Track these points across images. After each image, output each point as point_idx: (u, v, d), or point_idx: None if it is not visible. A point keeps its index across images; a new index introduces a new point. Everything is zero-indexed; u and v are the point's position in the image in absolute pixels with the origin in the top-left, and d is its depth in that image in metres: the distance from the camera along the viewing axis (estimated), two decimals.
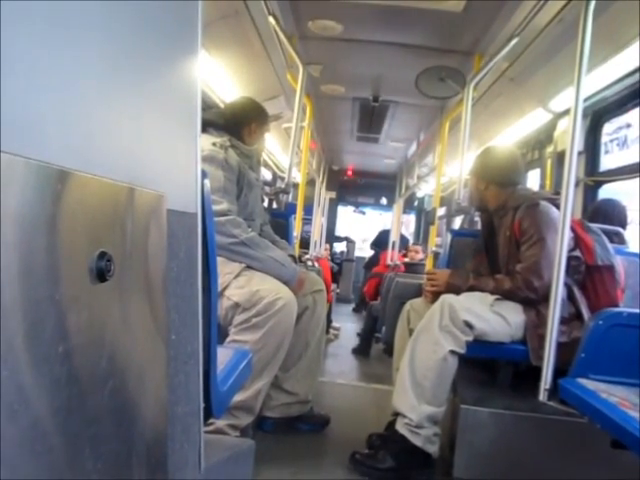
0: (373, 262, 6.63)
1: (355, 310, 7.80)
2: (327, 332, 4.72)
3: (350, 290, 8.85)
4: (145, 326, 0.74)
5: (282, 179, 2.94)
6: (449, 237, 2.74)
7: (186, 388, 0.92)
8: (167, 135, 0.84)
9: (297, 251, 3.32)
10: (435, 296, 2.06)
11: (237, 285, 1.83)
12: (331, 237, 9.04)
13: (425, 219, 8.55)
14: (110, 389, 0.63)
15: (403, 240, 6.39)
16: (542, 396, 1.50)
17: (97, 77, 0.63)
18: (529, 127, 3.43)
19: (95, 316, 0.60)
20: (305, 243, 5.06)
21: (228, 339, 1.79)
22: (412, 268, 4.84)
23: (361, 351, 4.48)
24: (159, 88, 0.80)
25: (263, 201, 2.41)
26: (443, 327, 1.83)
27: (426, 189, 7.58)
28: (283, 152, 5.22)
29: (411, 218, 10.06)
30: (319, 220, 5.96)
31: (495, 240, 2.18)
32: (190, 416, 0.94)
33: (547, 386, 1.50)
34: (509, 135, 3.71)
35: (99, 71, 0.63)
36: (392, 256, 5.44)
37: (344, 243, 9.44)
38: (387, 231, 6.71)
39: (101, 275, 0.60)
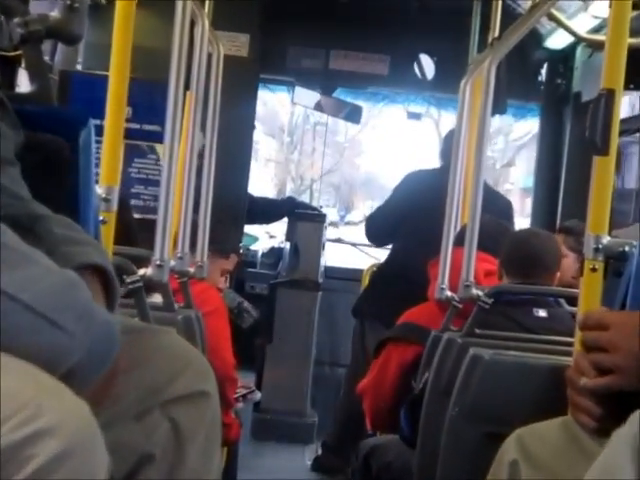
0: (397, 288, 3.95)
1: (322, 467, 4.10)
2: None
3: (305, 395, 4.55)
4: None
5: None
6: None
7: None
8: None
9: (110, 253, 1.89)
10: (616, 414, 1.28)
11: None
12: (237, 203, 4.40)
13: (575, 133, 4.24)
14: None
15: (499, 209, 3.38)
16: None
17: None
18: None
19: None
20: (139, 226, 2.54)
21: None
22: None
23: None
24: None
25: None
26: None
27: (579, 25, 3.60)
28: None
29: (527, 128, 5.26)
30: (186, 141, 2.70)
31: None
32: None
33: None
34: None
35: None
36: (444, 266, 2.55)
37: (282, 226, 4.96)
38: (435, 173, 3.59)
39: None
